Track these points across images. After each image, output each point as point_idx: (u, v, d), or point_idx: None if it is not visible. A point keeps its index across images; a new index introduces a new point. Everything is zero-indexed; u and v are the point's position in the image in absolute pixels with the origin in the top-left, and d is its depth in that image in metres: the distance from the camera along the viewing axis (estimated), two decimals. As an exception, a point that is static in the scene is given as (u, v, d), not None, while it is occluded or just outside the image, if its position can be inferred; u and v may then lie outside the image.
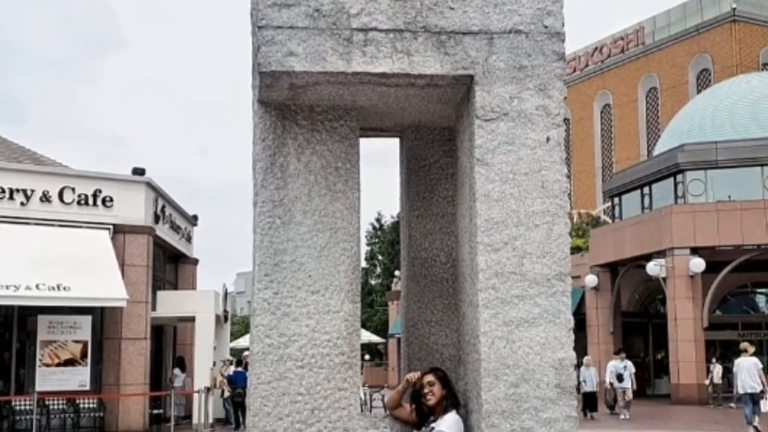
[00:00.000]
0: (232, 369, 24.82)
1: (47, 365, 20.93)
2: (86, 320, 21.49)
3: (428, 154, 6.84)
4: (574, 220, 45.32)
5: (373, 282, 69.67)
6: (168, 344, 27.85)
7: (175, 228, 26.60)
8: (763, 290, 38.73)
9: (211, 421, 23.83)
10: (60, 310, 21.06)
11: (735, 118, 35.94)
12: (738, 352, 23.28)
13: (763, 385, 21.56)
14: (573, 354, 5.55)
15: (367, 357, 59.26)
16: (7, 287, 19.17)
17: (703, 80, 54.18)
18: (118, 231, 22.40)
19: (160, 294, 24.88)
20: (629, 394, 26.20)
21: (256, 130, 6.10)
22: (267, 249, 5.93)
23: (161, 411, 23.89)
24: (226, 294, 28.28)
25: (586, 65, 61.82)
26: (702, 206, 31.91)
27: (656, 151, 40.32)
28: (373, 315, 64.44)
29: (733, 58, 51.84)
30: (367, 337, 51.89)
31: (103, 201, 22.39)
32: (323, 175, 6.08)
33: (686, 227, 31.25)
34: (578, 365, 24.33)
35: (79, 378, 21.21)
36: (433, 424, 5.80)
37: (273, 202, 5.98)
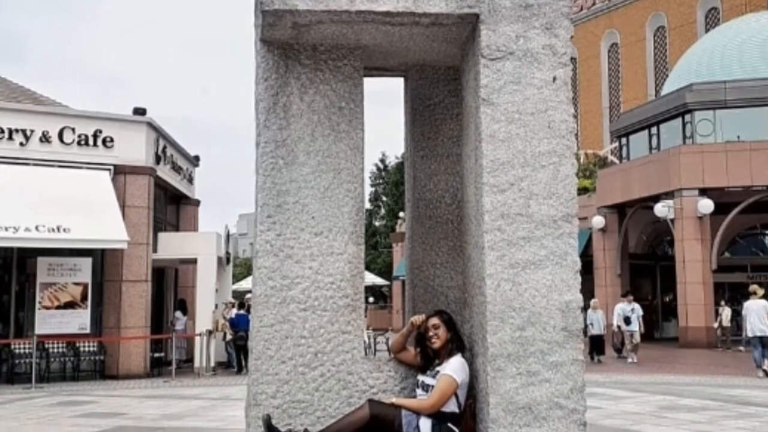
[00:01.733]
0: (234, 312, 24.81)
1: (47, 308, 20.87)
2: (86, 262, 21.41)
3: (433, 94, 6.75)
4: (581, 160, 45.07)
5: (377, 223, 69.74)
6: (169, 287, 27.83)
7: (176, 168, 26.45)
8: (773, 232, 38.61)
9: (212, 364, 23.88)
10: (60, 252, 20.94)
11: (744, 58, 35.55)
12: (747, 295, 23.16)
13: (773, 328, 21.42)
14: (580, 296, 5.51)
15: (371, 299, 59.52)
16: (6, 229, 19.04)
17: (712, 19, 53.54)
18: (119, 172, 22.25)
19: (161, 236, 24.81)
20: (637, 338, 26.15)
21: (259, 69, 6.03)
22: (270, 190, 5.87)
23: (162, 354, 23.95)
24: (228, 235, 28.22)
25: (593, 3, 61.10)
26: (710, 146, 31.67)
27: (664, 91, 39.95)
28: (377, 257, 64.61)
29: (742, -4, 51.15)
30: (371, 279, 51.99)
31: (104, 141, 22.22)
32: (327, 115, 6.01)
33: (694, 168, 31.06)
34: (585, 308, 24.25)
35: (79, 321, 21.15)
36: (438, 368, 5.77)
37: (276, 142, 5.93)
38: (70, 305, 21.08)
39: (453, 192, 6.61)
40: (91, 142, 22.08)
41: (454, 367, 5.69)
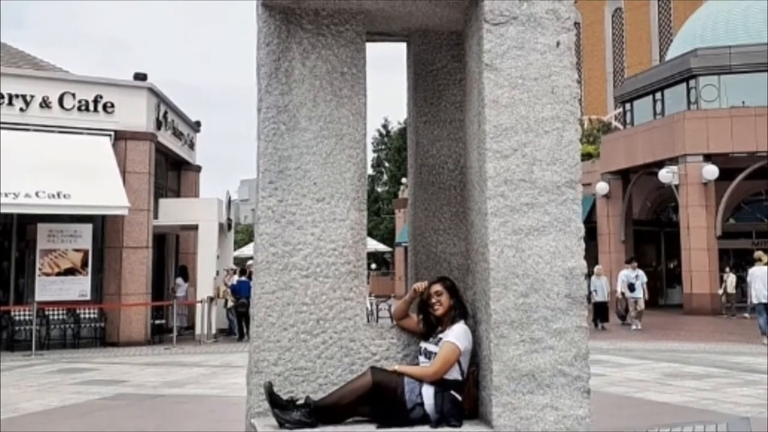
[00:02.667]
0: (235, 278, 24.81)
1: (47, 274, 20.81)
2: (87, 228, 21.32)
3: (436, 59, 6.69)
4: (585, 126, 44.98)
5: (379, 189, 69.69)
6: (170, 253, 27.75)
7: (177, 134, 26.32)
8: (778, 197, 38.47)
9: (214, 331, 23.88)
10: (60, 218, 20.81)
11: (749, 22, 35.31)
12: (752, 261, 23.05)
13: (778, 295, 21.28)
14: (583, 263, 5.48)
15: (373, 266, 59.59)
16: (6, 195, 18.92)
17: (717, -17, 53.12)
18: (120, 137, 22.15)
19: (162, 202, 24.74)
20: (641, 304, 26.03)
21: (260, 34, 5.97)
22: (271, 156, 5.84)
23: (163, 321, 23.91)
24: (229, 202, 28.18)
25: (597, -32, 60.66)
26: (715, 112, 31.50)
27: (669, 56, 39.73)
28: (379, 223, 64.61)
29: (748, -40, 50.70)
30: (374, 245, 51.90)
31: (104, 107, 22.10)
32: (329, 80, 5.97)
33: (699, 133, 30.91)
34: (589, 275, 24.18)
35: (80, 287, 21.11)
36: (440, 335, 5.75)
37: (277, 107, 5.89)
38: (70, 272, 21.04)
39: (456, 158, 6.56)
40: (91, 107, 21.99)
41: (457, 334, 5.66)
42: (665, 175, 31.17)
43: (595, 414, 5.50)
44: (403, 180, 52.15)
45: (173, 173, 27.96)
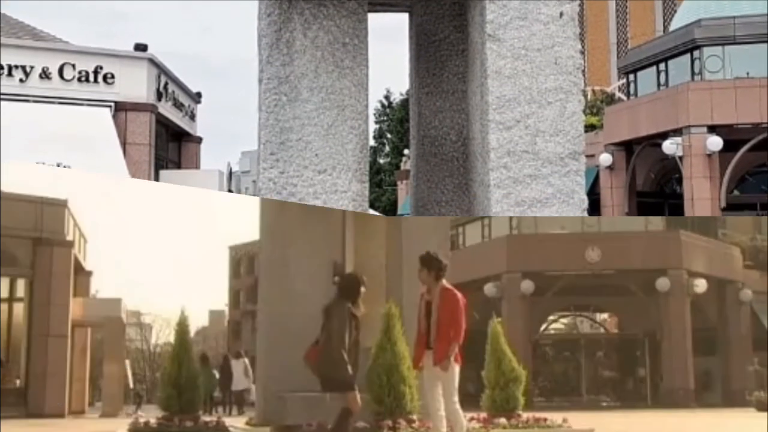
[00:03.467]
0: (237, 250, 24.86)
1: (47, 247, 20.84)
2: (87, 201, 21.34)
3: (438, 30, 6.65)
4: (588, 97, 44.70)
5: (381, 161, 69.43)
6: (172, 225, 27.78)
7: (178, 105, 26.22)
8: (783, 169, 38.27)
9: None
10: (60, 190, 20.87)
11: (753, -7, 35.07)
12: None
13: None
14: (586, 236, 5.47)
15: (374, 237, 59.50)
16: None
17: (721, -47, 52.72)
18: (120, 109, 22.09)
19: (163, 173, 24.67)
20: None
21: (262, 4, 5.94)
22: (273, 127, 5.82)
23: (167, 297, 24.00)
24: (230, 173, 28.18)
25: (600, -63, 60.20)
26: (719, 83, 31.29)
27: (672, 27, 39.49)
28: (381, 195, 64.43)
29: (753, -71, 50.26)
30: (375, 217, 51.92)
31: (104, 78, 22.02)
32: (330, 51, 5.93)
33: (703, 105, 30.70)
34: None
35: (81, 261, 21.15)
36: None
37: (279, 78, 5.86)
38: (70, 244, 21.04)
39: (458, 129, 6.54)
40: (91, 78, 21.92)
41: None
42: (669, 146, 31.03)
43: None
44: (406, 151, 51.97)
45: (174, 145, 27.87)
